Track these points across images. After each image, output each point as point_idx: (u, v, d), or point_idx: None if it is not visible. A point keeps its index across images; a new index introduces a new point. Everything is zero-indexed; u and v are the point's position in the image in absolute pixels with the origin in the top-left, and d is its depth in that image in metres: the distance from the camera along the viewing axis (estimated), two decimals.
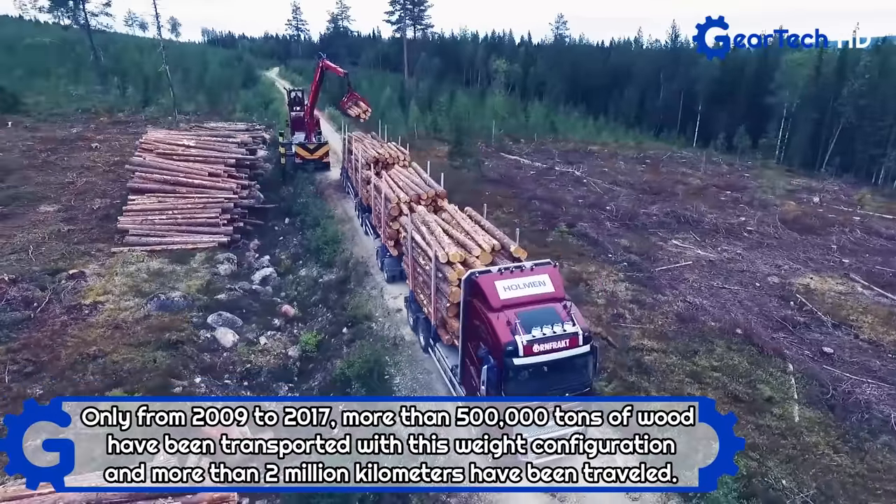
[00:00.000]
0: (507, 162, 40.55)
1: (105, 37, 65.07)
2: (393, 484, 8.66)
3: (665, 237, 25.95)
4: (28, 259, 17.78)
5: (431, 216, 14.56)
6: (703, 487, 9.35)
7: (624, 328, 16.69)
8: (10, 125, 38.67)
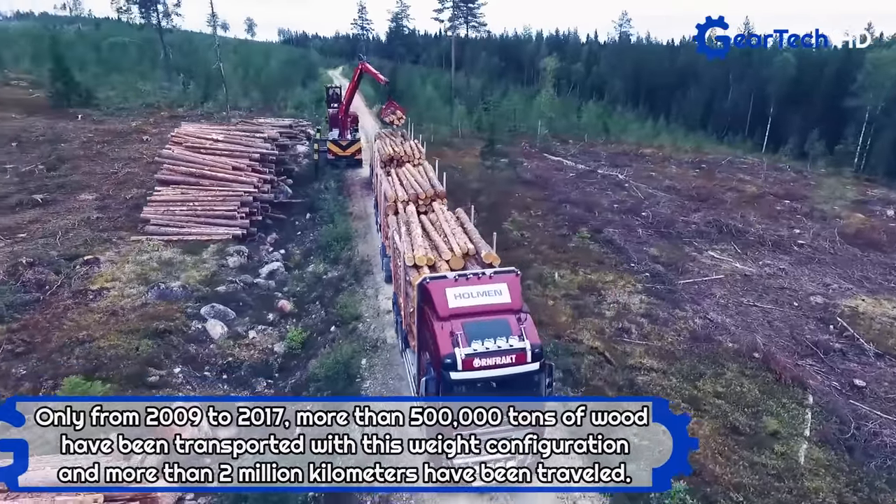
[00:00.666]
0: (548, 163, 39.34)
1: (181, 35, 68.90)
2: (346, 484, 8.68)
3: (701, 247, 24.19)
4: (53, 244, 18.81)
5: (416, 216, 14.10)
6: (656, 487, 9.44)
7: (627, 344, 15.58)
8: (79, 118, 41.51)
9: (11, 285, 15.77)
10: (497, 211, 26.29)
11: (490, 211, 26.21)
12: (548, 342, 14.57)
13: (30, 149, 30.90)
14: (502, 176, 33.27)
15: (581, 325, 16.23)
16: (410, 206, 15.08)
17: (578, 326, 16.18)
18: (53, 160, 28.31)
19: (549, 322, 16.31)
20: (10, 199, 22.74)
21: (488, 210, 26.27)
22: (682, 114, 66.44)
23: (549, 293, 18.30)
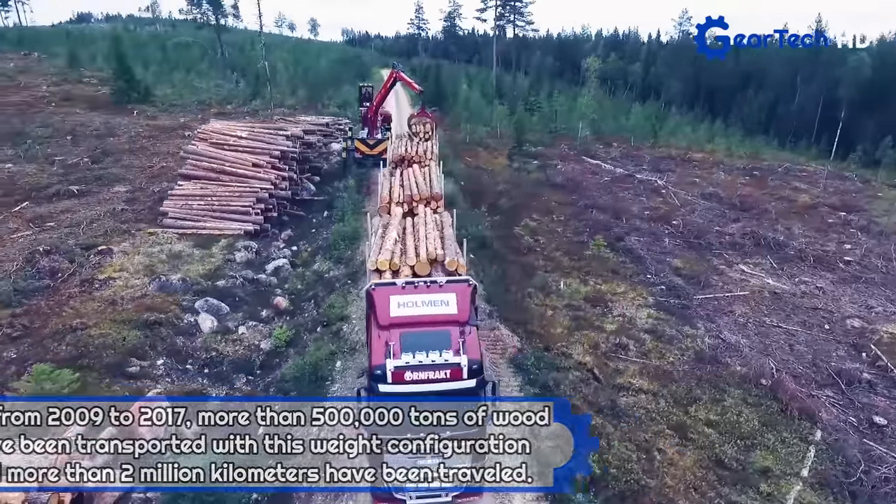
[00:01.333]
0: (585, 166, 38.05)
1: (245, 35, 71.64)
2: (248, 484, 8.83)
3: (731, 261, 22.63)
4: (76, 233, 19.78)
5: (398, 218, 13.78)
6: (557, 488, 9.71)
7: (622, 361, 14.69)
8: (135, 113, 43.83)
9: (27, 272, 16.67)
10: (516, 214, 25.65)
11: (508, 214, 25.65)
12: (532, 355, 13.98)
13: (82, 142, 32.83)
14: (531, 178, 32.49)
15: (576, 339, 15.44)
16: (397, 208, 14.79)
17: (573, 339, 15.40)
18: (98, 153, 29.93)
19: (543, 333, 15.65)
20: (50, 189, 24.14)
21: (507, 213, 25.73)
22: (742, 117, 62.78)
23: (551, 302, 17.55)
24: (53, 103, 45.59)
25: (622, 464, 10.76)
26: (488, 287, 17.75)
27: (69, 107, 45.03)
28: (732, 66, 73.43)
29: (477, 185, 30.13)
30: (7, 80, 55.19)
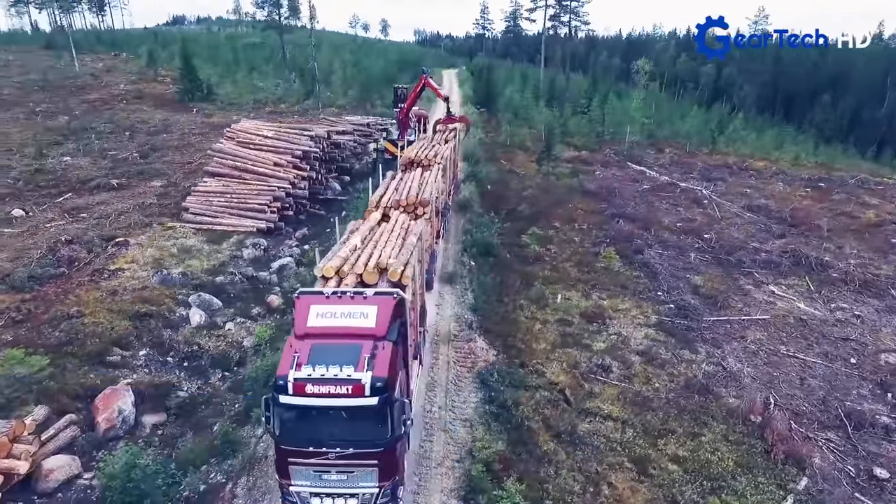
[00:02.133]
0: (628, 173, 36.40)
1: (313, 35, 73.99)
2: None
3: (761, 280, 20.89)
4: (102, 224, 21.10)
5: (371, 223, 13.67)
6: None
7: (601, 383, 13.86)
8: (194, 111, 46.35)
9: (48, 259, 17.94)
10: (534, 222, 24.90)
11: (527, 221, 24.94)
12: (496, 371, 13.46)
13: (137, 138, 35.09)
14: (562, 184, 31.46)
15: (557, 356, 14.74)
16: (375, 213, 14.69)
17: (553, 357, 14.72)
18: (147, 149, 31.85)
19: (524, 348, 15.07)
20: (94, 181, 25.92)
21: (526, 220, 25.03)
22: (817, 123, 58.04)
23: (542, 316, 16.87)
24: (125, 101, 49.00)
25: (562, 495, 10.13)
26: (479, 296, 17.32)
27: (138, 104, 48.24)
28: (815, 68, 68.23)
29: (503, 189, 29.55)
30: (92, 79, 59.87)
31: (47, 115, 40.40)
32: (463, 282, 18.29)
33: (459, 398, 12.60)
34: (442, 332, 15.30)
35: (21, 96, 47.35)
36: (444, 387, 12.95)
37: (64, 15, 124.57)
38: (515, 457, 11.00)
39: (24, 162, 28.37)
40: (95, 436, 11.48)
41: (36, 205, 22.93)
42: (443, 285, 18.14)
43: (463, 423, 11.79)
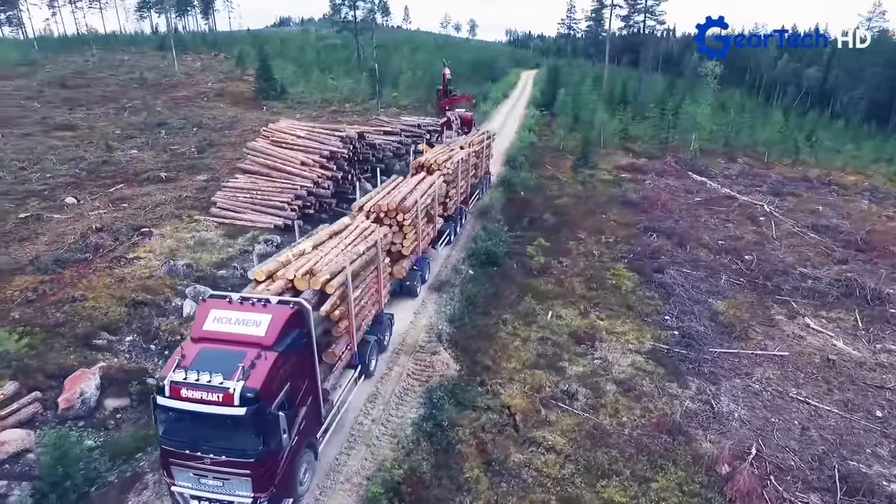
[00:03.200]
0: (685, 182, 33.94)
1: (399, 35, 76.03)
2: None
3: (798, 311, 18.65)
4: (136, 215, 22.72)
5: (331, 229, 13.64)
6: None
7: (560, 411, 12.95)
8: (264, 109, 48.92)
9: (78, 244, 19.58)
10: (555, 232, 23.86)
11: (549, 231, 23.97)
12: (441, 388, 12.94)
13: (203, 133, 37.57)
14: (603, 193, 29.90)
15: (523, 378, 13.96)
16: (347, 218, 14.66)
17: (518, 378, 13.95)
18: (205, 144, 33.98)
19: (491, 366, 14.43)
20: (146, 174, 28.02)
21: (548, 230, 24.05)
22: None
23: (525, 333, 16.05)
24: (206, 98, 52.68)
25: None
26: (463, 307, 16.80)
27: (217, 101, 51.69)
28: None
29: (536, 196, 28.58)
30: (185, 77, 64.94)
31: (134, 110, 44.30)
32: (452, 291, 17.83)
33: (398, 412, 12.26)
34: (408, 342, 15.00)
35: (119, 93, 52.29)
36: (387, 399, 12.66)
37: (179, 18, 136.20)
38: (434, 481, 10.52)
39: (96, 154, 31.24)
40: (55, 414, 12.34)
41: (90, 194, 25.14)
42: (430, 293, 17.81)
43: (391, 439, 11.44)
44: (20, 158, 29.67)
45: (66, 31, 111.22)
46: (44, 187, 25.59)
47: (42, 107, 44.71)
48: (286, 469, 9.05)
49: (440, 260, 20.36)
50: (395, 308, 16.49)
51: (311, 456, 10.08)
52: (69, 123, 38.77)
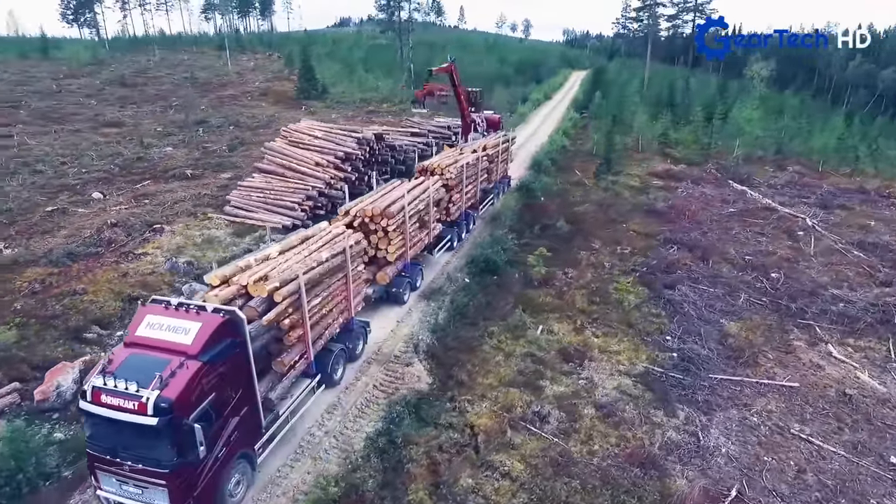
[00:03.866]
0: (723, 192, 32.02)
1: (455, 35, 76.03)
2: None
3: (822, 337, 17.09)
4: (154, 211, 23.46)
5: (306, 234, 13.46)
6: None
7: (528, 433, 12.27)
8: (302, 109, 49.85)
9: (92, 239, 20.37)
10: (570, 241, 22.96)
11: (563, 240, 23.10)
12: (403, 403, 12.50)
13: (238, 132, 38.60)
14: (629, 201, 28.58)
15: (496, 396, 13.34)
16: (323, 223, 14.47)
17: (491, 395, 13.35)
18: (237, 143, 34.86)
19: (466, 381, 13.89)
20: (173, 171, 28.97)
21: (561, 239, 23.19)
22: None
23: (511, 347, 15.38)
24: (250, 97, 54.22)
25: None
26: (450, 317, 16.31)
27: (260, 100, 53.10)
28: None
29: (556, 202, 27.64)
30: (236, 77, 67.14)
31: (179, 108, 46.12)
32: (442, 299, 17.36)
33: (354, 425, 11.94)
34: (384, 352, 14.65)
35: (170, 92, 54.63)
36: (346, 410, 12.36)
37: (241, 19, 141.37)
38: (377, 501, 10.13)
39: (134, 150, 32.62)
40: (31, 406, 12.75)
41: (117, 189, 26.21)
42: (419, 301, 17.40)
43: (340, 453, 11.13)
44: (64, 154, 31.37)
45: (137, 33, 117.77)
46: (77, 182, 26.89)
47: (98, 104, 47.28)
48: (209, 481, 8.89)
49: (438, 266, 19.93)
50: (379, 315, 16.21)
51: (247, 467, 9.91)
52: (117, 120, 40.76)
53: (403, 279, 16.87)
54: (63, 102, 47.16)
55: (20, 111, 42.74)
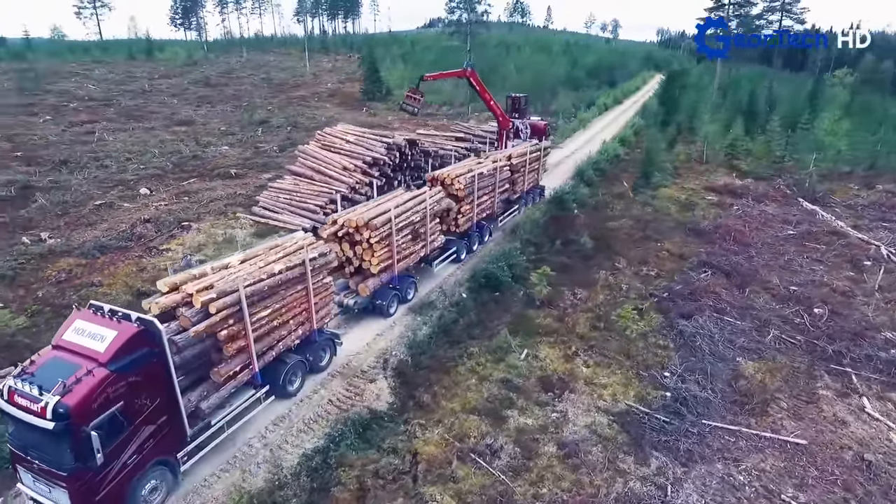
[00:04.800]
0: (785, 211, 28.99)
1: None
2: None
3: (855, 387, 14.93)
4: (189, 209, 24.72)
5: (275, 243, 13.51)
6: None
7: (474, 468, 11.58)
8: (364, 110, 50.88)
9: (125, 233, 21.79)
10: (590, 259, 21.71)
11: (584, 257, 21.90)
12: (350, 423, 12.20)
13: (294, 133, 40.01)
14: (669, 216, 26.59)
15: (451, 422, 12.72)
16: (300, 233, 14.47)
17: (448, 421, 12.75)
18: (287, 144, 36.12)
19: (430, 404, 13.39)
20: (220, 170, 30.45)
21: (584, 256, 21.99)
22: None
23: (488, 371, 14.64)
24: (318, 98, 56.11)
25: None
26: (433, 333, 15.82)
27: (326, 101, 54.81)
28: None
29: (590, 215, 26.22)
30: (311, 78, 69.83)
31: (249, 108, 48.58)
32: (431, 314, 16.89)
33: (296, 440, 11.82)
34: (353, 365, 14.44)
35: (247, 92, 57.76)
36: (293, 424, 12.27)
37: (330, 21, 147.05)
38: None
39: (193, 148, 34.70)
40: None
41: (165, 186, 27.93)
42: (407, 314, 17.03)
43: (272, 468, 11.04)
44: (132, 150, 33.94)
45: (236, 35, 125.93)
46: (133, 178, 28.96)
47: (178, 103, 50.85)
48: (115, 487, 9.07)
49: (438, 279, 19.46)
50: (361, 327, 16.07)
51: (167, 474, 10.04)
52: (189, 119, 43.59)
53: (390, 291, 16.58)
54: (150, 101, 51.16)
55: (110, 109, 46.83)
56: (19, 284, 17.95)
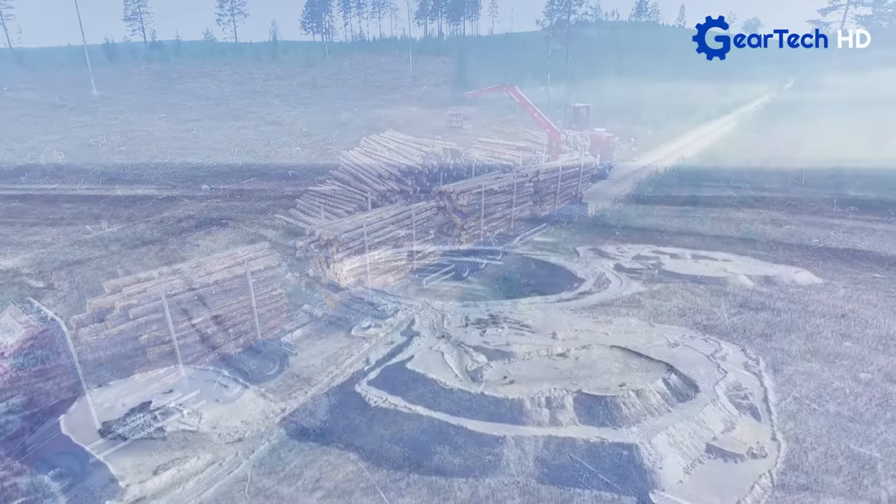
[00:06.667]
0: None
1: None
2: None
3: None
4: (238, 207, 26.42)
5: (236, 252, 13.96)
6: None
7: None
8: (447, 114, 51.12)
9: (170, 226, 23.84)
10: None
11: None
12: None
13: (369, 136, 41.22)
14: None
15: None
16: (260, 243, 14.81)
17: None
18: (354, 146, 37.26)
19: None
20: (279, 171, 32.22)
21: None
22: None
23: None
24: (408, 100, 57.33)
25: None
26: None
27: (415, 104, 55.88)
28: None
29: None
30: (411, 80, 71.51)
31: (335, 111, 50.95)
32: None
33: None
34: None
35: (346, 93, 60.58)
36: None
37: (450, 24, 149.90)
38: None
39: (266, 150, 37.11)
40: None
41: (226, 183, 30.13)
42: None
43: None
44: (215, 147, 37.08)
45: (357, 37, 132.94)
46: (204, 174, 31.61)
47: (279, 104, 54.68)
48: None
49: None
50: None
51: (75, 464, 10.79)
52: (279, 120, 46.68)
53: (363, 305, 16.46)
54: (255, 102, 55.54)
55: (219, 108, 51.55)
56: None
